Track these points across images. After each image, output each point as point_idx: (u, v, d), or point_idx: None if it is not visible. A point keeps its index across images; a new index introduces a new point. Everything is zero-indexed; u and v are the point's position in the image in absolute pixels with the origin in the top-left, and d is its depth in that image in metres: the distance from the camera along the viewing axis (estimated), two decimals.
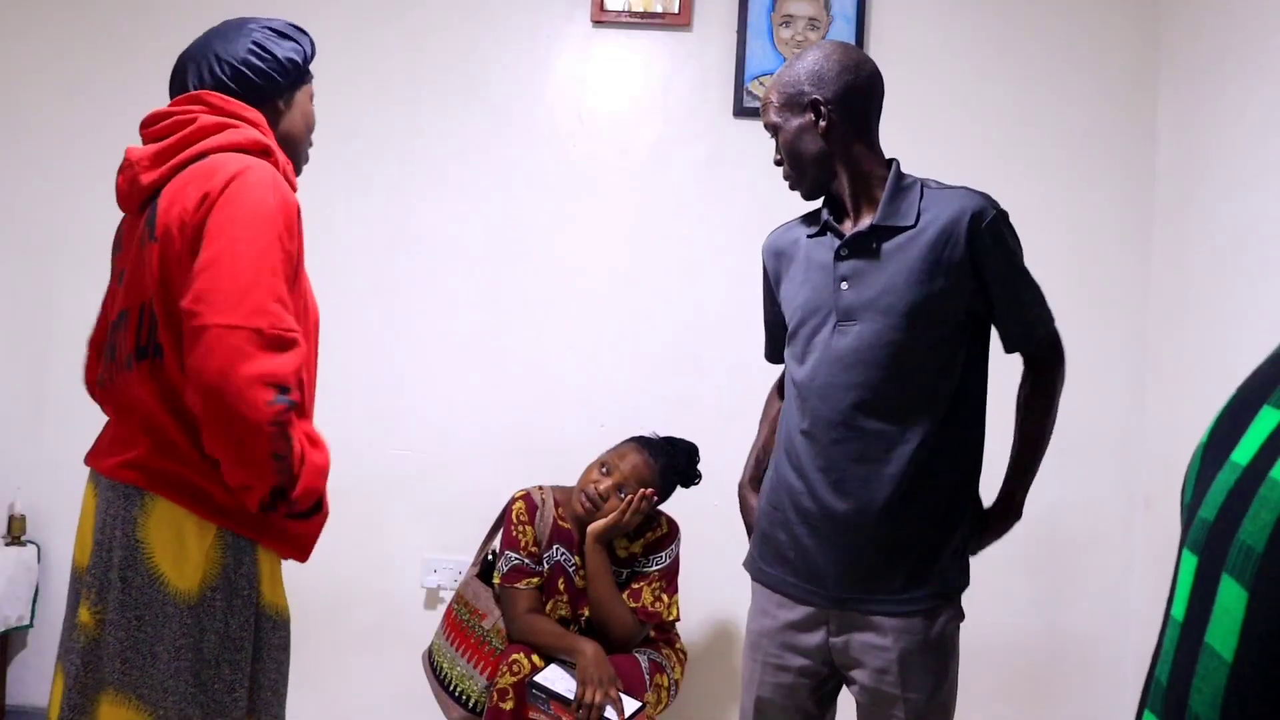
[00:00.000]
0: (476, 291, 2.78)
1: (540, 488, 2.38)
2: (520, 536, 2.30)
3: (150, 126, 1.49)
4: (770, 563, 1.75)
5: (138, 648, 1.38)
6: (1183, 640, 0.65)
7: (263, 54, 1.50)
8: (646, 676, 2.24)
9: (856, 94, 1.67)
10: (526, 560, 2.29)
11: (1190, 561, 0.66)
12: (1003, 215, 1.65)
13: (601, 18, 2.77)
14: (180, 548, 1.38)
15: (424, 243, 2.79)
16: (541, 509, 2.33)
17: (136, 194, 1.46)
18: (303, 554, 1.52)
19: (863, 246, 1.66)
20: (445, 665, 2.29)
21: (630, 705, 2.12)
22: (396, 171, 2.80)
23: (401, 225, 2.79)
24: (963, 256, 1.61)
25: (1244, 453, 0.66)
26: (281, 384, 1.30)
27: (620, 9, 2.77)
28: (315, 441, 1.44)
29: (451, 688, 2.25)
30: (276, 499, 1.36)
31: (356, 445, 2.76)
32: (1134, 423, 2.70)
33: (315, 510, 1.44)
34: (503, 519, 2.36)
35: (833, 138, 1.67)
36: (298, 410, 1.34)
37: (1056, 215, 2.70)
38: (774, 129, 1.73)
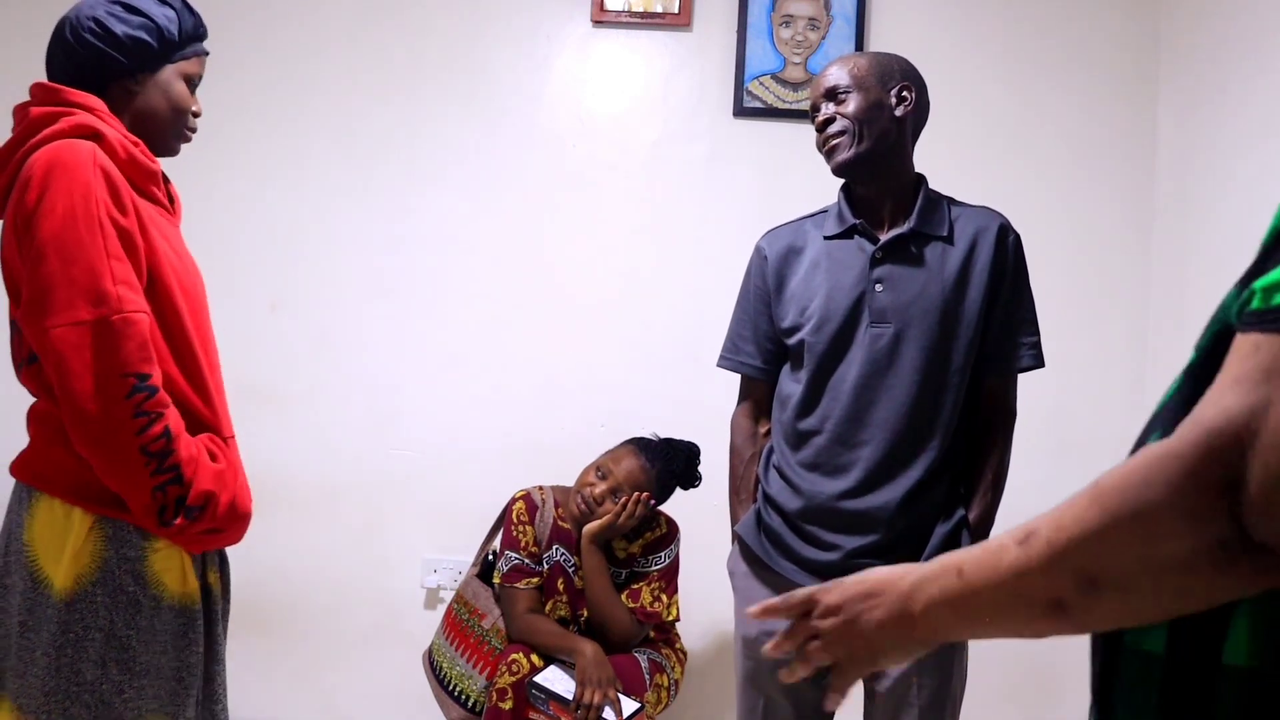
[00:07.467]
0: (476, 291, 2.78)
1: (540, 488, 2.38)
2: (520, 536, 2.30)
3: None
4: (777, 560, 1.76)
5: (20, 655, 1.34)
6: None
7: (99, 32, 1.41)
8: (646, 676, 2.24)
9: (926, 107, 1.77)
10: (526, 560, 2.29)
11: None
12: (1020, 239, 1.75)
13: (601, 18, 2.77)
14: (60, 544, 1.34)
15: (423, 242, 2.79)
16: (542, 509, 2.33)
17: None
18: (194, 544, 1.43)
19: (900, 251, 1.70)
20: (445, 665, 2.29)
21: (629, 706, 2.12)
22: (396, 171, 2.79)
23: (401, 225, 2.79)
24: (986, 263, 1.69)
25: None
26: (135, 372, 1.28)
27: (620, 9, 2.77)
28: (215, 455, 1.39)
29: (451, 687, 2.25)
30: (169, 506, 1.31)
31: (356, 445, 2.77)
32: (1134, 423, 2.68)
33: (201, 511, 1.36)
34: (503, 519, 2.37)
35: (898, 130, 1.71)
36: (160, 398, 1.30)
37: (1056, 215, 2.70)
38: (843, 93, 1.70)
